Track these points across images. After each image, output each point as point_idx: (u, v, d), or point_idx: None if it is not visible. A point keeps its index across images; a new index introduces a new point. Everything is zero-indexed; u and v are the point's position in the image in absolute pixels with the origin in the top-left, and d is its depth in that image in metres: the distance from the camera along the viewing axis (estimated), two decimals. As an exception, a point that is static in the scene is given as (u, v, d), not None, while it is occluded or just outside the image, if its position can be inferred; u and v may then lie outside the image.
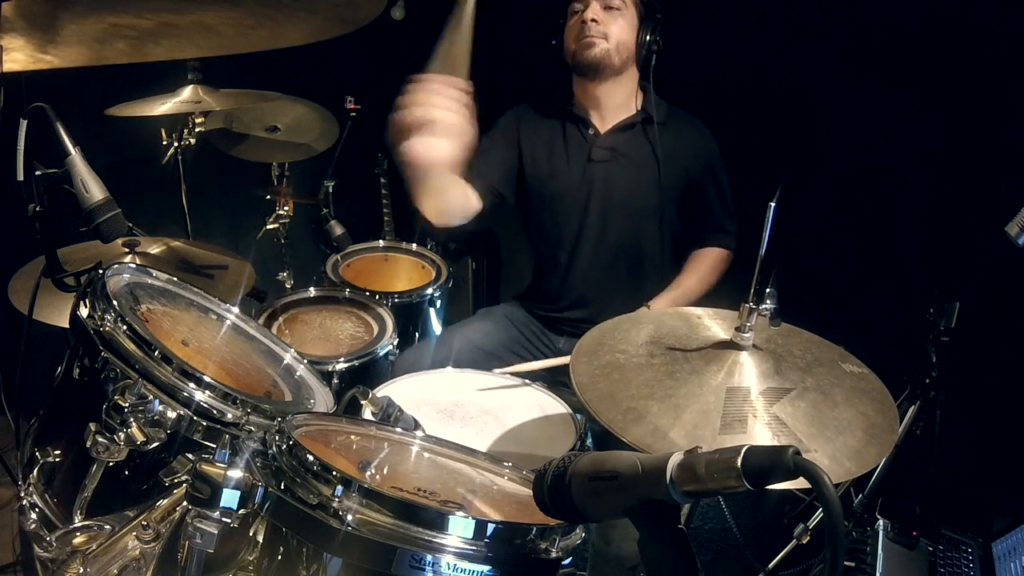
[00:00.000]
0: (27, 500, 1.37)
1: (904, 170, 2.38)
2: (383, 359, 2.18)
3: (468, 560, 1.05)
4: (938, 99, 2.26)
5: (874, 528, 1.69)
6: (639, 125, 2.19)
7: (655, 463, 0.82)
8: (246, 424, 1.30)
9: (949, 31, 2.22)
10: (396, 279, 2.73)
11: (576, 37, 2.12)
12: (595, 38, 2.09)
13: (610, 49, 2.09)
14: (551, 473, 0.90)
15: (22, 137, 1.44)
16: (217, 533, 1.06)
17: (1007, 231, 1.67)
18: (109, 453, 1.24)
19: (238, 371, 1.58)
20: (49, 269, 1.53)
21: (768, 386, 1.36)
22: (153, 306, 1.54)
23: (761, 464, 0.76)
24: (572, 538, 1.16)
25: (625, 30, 2.11)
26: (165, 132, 2.62)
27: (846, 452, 1.27)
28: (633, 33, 2.11)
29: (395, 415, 1.49)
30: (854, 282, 2.51)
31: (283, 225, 2.84)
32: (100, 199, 1.46)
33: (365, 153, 3.19)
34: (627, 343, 1.48)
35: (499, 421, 1.78)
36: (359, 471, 1.28)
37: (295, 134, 2.77)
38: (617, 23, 2.10)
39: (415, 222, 3.20)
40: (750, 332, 1.42)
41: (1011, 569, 1.57)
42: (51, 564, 1.34)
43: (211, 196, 2.93)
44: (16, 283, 1.89)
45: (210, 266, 2.03)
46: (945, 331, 1.86)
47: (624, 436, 1.26)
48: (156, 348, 1.31)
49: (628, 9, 2.11)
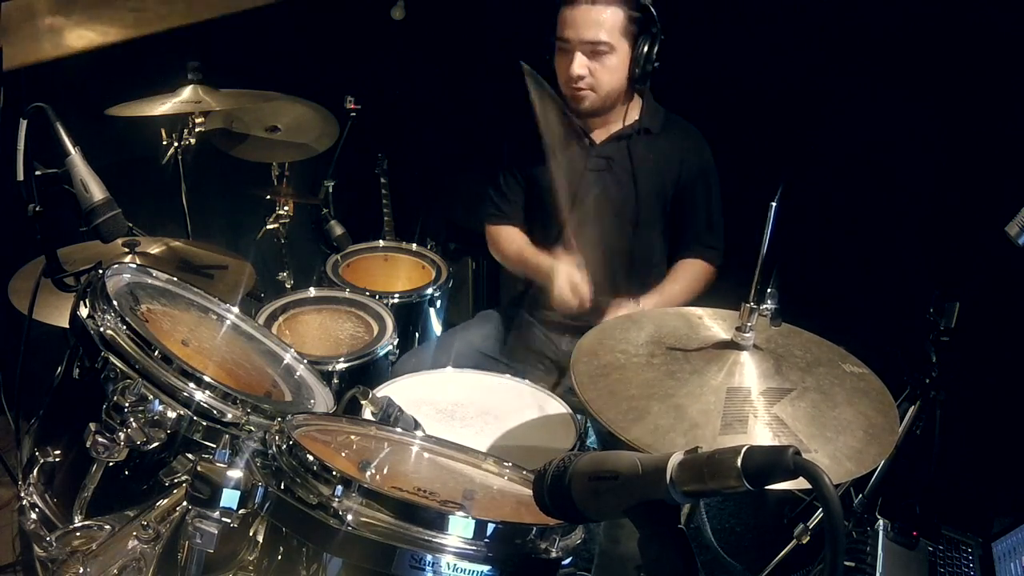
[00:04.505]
0: (27, 500, 1.38)
1: (904, 170, 2.38)
2: (383, 359, 2.18)
3: (468, 560, 1.05)
4: (938, 99, 2.26)
5: (874, 528, 1.69)
6: (635, 135, 2.17)
7: (655, 463, 0.82)
8: (246, 424, 1.30)
9: (949, 31, 2.22)
10: (396, 279, 2.73)
11: (565, 85, 2.06)
12: (583, 91, 2.04)
13: (598, 99, 2.06)
14: (551, 473, 0.90)
15: (22, 137, 1.44)
16: (217, 533, 1.06)
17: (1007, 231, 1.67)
18: (109, 453, 1.24)
19: (238, 371, 1.58)
20: (49, 269, 1.53)
21: (768, 386, 1.36)
22: (153, 306, 1.54)
23: (761, 464, 0.76)
24: (572, 538, 1.16)
25: (615, 71, 2.03)
26: (165, 132, 2.62)
27: (846, 452, 1.27)
28: (625, 68, 2.03)
29: (395, 415, 1.49)
30: (854, 282, 2.51)
31: (283, 225, 2.84)
32: (100, 199, 1.46)
33: (365, 153, 3.19)
34: (627, 343, 1.48)
35: (499, 421, 1.78)
36: (359, 471, 1.28)
37: (295, 134, 2.77)
38: (606, 67, 2.01)
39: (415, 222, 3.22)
40: (751, 332, 1.42)
41: (1011, 569, 1.57)
42: (51, 564, 1.34)
43: (211, 196, 2.93)
44: (16, 283, 1.89)
45: (210, 266, 2.03)
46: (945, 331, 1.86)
47: (624, 436, 1.26)
48: (156, 348, 1.31)
49: (617, 48, 2.00)
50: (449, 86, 3.26)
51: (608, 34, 1.98)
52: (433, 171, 3.43)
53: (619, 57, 2.02)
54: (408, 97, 3.32)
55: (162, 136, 2.62)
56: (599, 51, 1.99)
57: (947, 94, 2.26)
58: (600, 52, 1.99)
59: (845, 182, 2.44)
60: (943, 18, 2.22)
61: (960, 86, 2.23)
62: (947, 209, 2.31)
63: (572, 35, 1.99)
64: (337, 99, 2.90)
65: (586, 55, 1.99)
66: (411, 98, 3.32)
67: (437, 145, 3.35)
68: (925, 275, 2.19)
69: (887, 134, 2.36)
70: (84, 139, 1.48)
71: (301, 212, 2.86)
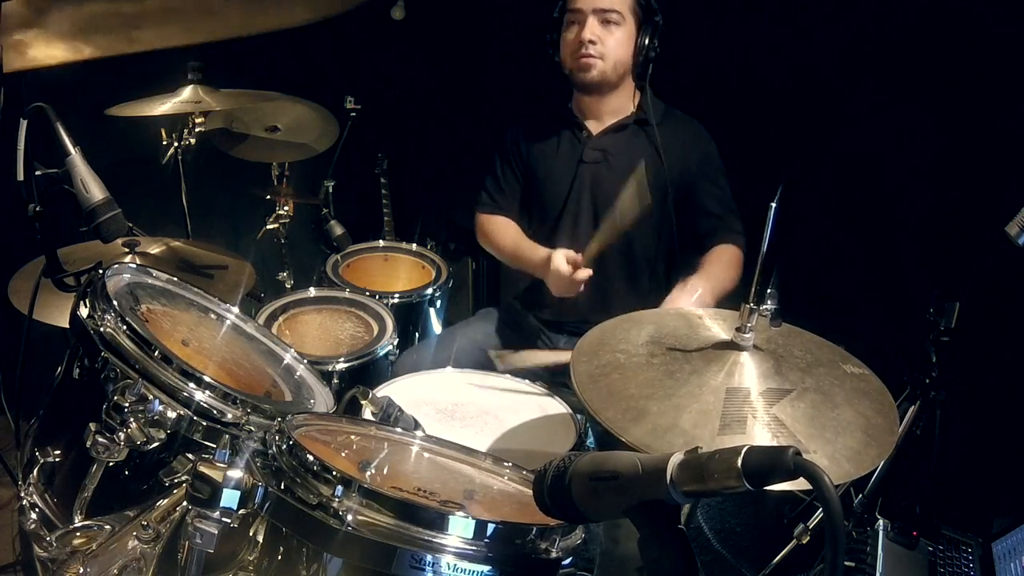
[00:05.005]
0: (27, 500, 1.38)
1: (904, 170, 2.38)
2: (383, 359, 2.19)
3: (468, 560, 1.05)
4: (938, 99, 2.26)
5: (874, 528, 1.69)
6: (632, 126, 2.18)
7: (655, 463, 0.82)
8: (246, 424, 1.30)
9: (949, 31, 2.22)
10: (396, 279, 2.73)
11: (573, 55, 2.10)
12: (592, 59, 2.07)
13: (607, 69, 2.08)
14: (551, 473, 0.90)
15: (22, 137, 1.44)
16: (217, 533, 1.06)
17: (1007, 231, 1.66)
18: (109, 453, 1.24)
19: (238, 371, 1.58)
20: (49, 269, 1.53)
21: (768, 387, 1.36)
22: (153, 306, 1.54)
23: (761, 464, 0.76)
24: (572, 538, 1.16)
25: (623, 44, 2.08)
26: (165, 132, 2.62)
27: (846, 453, 1.27)
28: (631, 44, 2.09)
29: (395, 415, 1.49)
30: (854, 282, 2.51)
31: (283, 225, 2.84)
32: (100, 199, 1.46)
33: (365, 153, 3.19)
34: (627, 343, 1.48)
35: (499, 421, 1.78)
36: (359, 471, 1.28)
37: (295, 134, 2.77)
38: (615, 37, 2.07)
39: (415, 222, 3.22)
40: (751, 332, 1.42)
41: (1011, 569, 1.57)
42: (51, 564, 1.34)
43: (211, 196, 2.93)
44: (16, 283, 1.89)
45: (210, 266, 2.03)
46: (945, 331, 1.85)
47: (624, 436, 1.26)
48: (156, 348, 1.31)
49: (626, 20, 2.07)
50: (449, 86, 3.26)
51: (620, 3, 2.06)
52: (433, 171, 3.43)
53: (626, 31, 2.08)
54: (408, 97, 3.32)
55: (162, 136, 2.62)
56: (610, 19, 2.06)
57: (947, 94, 2.26)
58: (610, 21, 2.07)
59: (845, 182, 2.44)
60: (944, 18, 2.22)
61: (960, 86, 2.23)
62: (947, 209, 2.31)
63: (585, 4, 2.06)
64: (337, 99, 2.90)
65: (598, 22, 2.06)
66: (411, 98, 3.32)
67: (437, 145, 3.35)
68: (925, 275, 2.19)
69: (887, 134, 2.36)
70: (84, 139, 1.48)
71: (301, 212, 2.86)
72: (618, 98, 2.17)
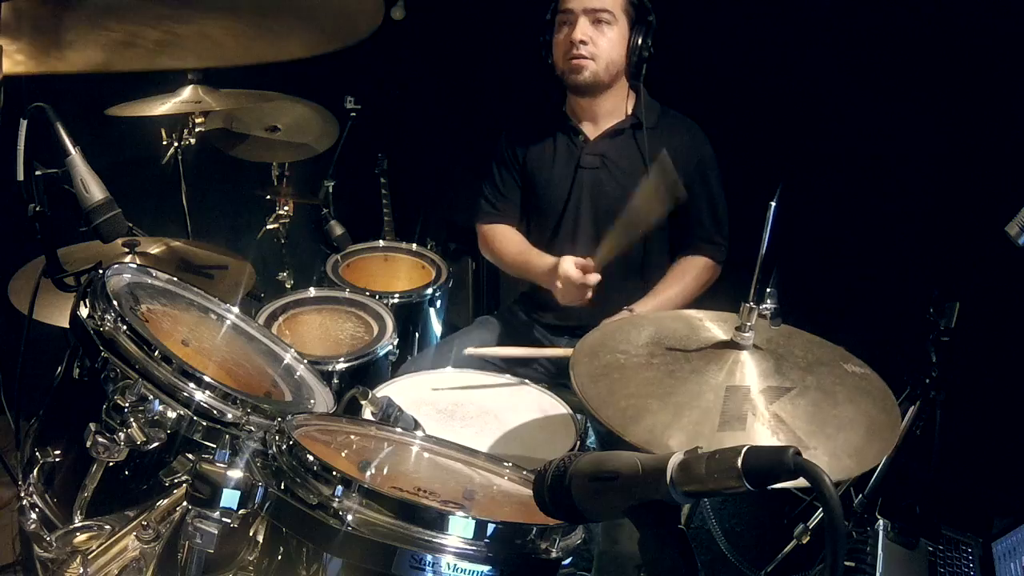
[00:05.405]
0: (27, 500, 1.38)
1: (904, 170, 2.38)
2: (383, 359, 2.18)
3: (468, 560, 1.05)
4: (938, 99, 2.26)
5: (874, 528, 1.69)
6: (628, 130, 2.16)
7: (655, 463, 0.82)
8: (246, 424, 1.30)
9: (949, 31, 2.22)
10: (396, 279, 2.73)
11: (565, 56, 2.08)
12: (584, 60, 2.04)
13: (599, 70, 2.06)
14: (551, 473, 0.90)
15: (22, 137, 1.44)
16: (217, 533, 1.06)
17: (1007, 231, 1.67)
18: (109, 453, 1.24)
19: (238, 371, 1.58)
20: (49, 269, 1.53)
21: (768, 385, 1.36)
22: (153, 306, 1.54)
23: (761, 464, 0.76)
24: (572, 538, 1.16)
25: (615, 44, 2.05)
26: (165, 132, 2.62)
27: (847, 449, 1.26)
28: (624, 44, 2.06)
29: (395, 415, 1.49)
30: (854, 282, 2.51)
31: (283, 225, 2.84)
32: (100, 199, 1.46)
33: (365, 153, 3.19)
34: (627, 344, 1.48)
35: (499, 421, 1.78)
36: (359, 471, 1.28)
37: (295, 134, 2.77)
38: (607, 37, 2.04)
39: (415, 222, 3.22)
40: (751, 332, 1.42)
41: (1011, 569, 1.57)
42: (51, 564, 1.34)
43: (211, 196, 2.93)
44: (16, 283, 1.89)
45: (210, 266, 2.03)
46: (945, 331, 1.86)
47: (624, 435, 1.26)
48: (156, 348, 1.31)
49: (618, 20, 2.04)
50: (449, 86, 3.26)
51: (611, 3, 2.04)
52: (433, 171, 3.43)
53: (619, 31, 2.06)
54: (408, 97, 3.32)
55: (162, 136, 2.63)
56: (601, 19, 2.04)
57: (947, 94, 2.26)
58: (602, 20, 2.04)
59: (845, 182, 2.44)
60: (944, 18, 2.22)
61: (960, 86, 2.23)
62: (947, 209, 2.31)
63: (576, 4, 2.04)
64: (337, 99, 2.90)
65: (589, 22, 2.04)
66: (411, 98, 3.32)
67: (437, 145, 3.35)
68: (925, 275, 2.19)
69: (887, 134, 2.36)
70: (84, 139, 1.48)
71: (301, 212, 2.87)
72: (612, 99, 2.16)
